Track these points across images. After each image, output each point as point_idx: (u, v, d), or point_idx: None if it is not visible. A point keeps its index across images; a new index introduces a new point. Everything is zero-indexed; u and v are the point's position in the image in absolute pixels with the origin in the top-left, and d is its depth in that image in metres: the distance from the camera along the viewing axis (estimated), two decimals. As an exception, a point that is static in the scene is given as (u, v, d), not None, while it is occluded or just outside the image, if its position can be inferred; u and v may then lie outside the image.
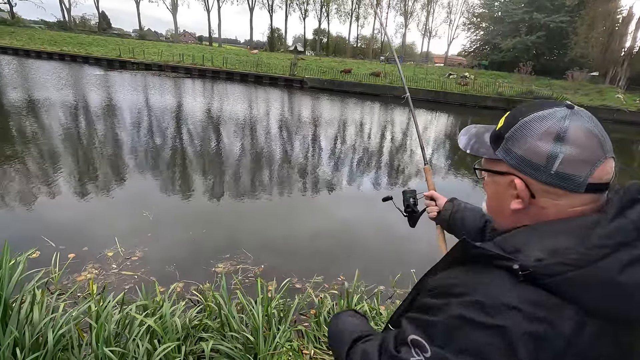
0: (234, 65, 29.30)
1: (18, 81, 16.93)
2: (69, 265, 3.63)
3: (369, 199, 6.52)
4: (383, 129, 13.95)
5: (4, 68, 21.97)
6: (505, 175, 0.65)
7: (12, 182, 5.72)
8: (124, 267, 3.75)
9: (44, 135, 8.66)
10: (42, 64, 25.92)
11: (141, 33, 55.93)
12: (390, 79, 27.50)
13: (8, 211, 4.81)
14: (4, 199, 5.12)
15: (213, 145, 9.29)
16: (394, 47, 28.40)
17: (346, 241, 4.85)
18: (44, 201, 5.16)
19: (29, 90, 14.56)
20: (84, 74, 22.42)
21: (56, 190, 5.54)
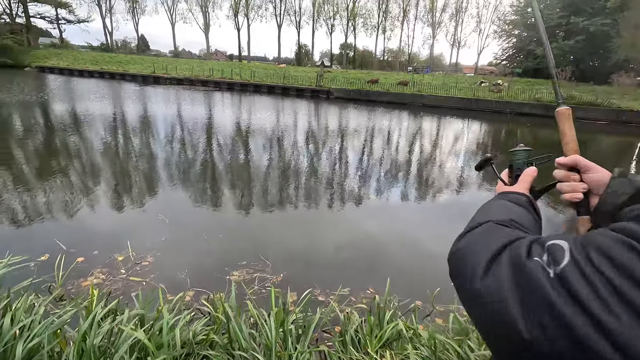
0: (261, 78, 29.77)
1: (60, 95, 17.87)
2: (77, 269, 3.39)
3: (399, 210, 5.99)
4: (412, 138, 13.35)
5: (51, 84, 23.55)
6: None
7: (32, 185, 5.70)
8: (133, 272, 3.46)
9: (70, 141, 8.82)
10: (84, 81, 27.50)
11: (175, 52, 58.71)
12: (418, 88, 26.82)
13: (26, 213, 4.71)
14: (23, 201, 5.06)
15: (236, 152, 9.11)
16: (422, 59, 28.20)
17: (375, 252, 4.35)
18: (61, 204, 5.04)
19: (67, 102, 15.26)
20: (120, 89, 23.48)
21: (75, 193, 5.44)
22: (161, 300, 2.51)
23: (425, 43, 64.98)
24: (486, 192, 7.22)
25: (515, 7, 49.20)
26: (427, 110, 22.69)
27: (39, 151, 8.01)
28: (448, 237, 0.85)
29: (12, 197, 5.13)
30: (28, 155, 7.66)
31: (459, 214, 5.81)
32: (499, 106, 23.34)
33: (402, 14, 60.32)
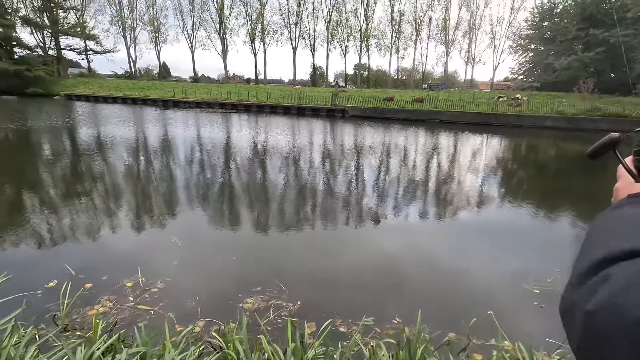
0: (277, 99, 30.21)
1: (83, 120, 18.51)
2: (84, 296, 3.22)
3: (423, 230, 5.64)
4: (430, 155, 13.00)
5: (75, 111, 24.60)
6: None
7: (47, 208, 5.68)
8: (142, 299, 3.25)
9: (87, 164, 8.93)
10: (107, 107, 28.60)
11: (195, 77, 60.76)
12: (434, 104, 26.55)
13: (39, 236, 4.63)
14: (38, 223, 5.01)
15: (251, 173, 9.01)
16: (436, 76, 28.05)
17: (400, 275, 4.02)
18: (75, 226, 4.96)
19: (88, 127, 15.74)
20: (140, 113, 24.23)
21: (89, 215, 5.37)
22: (167, 333, 2.27)
23: (439, 61, 65.19)
24: (516, 208, 6.77)
25: (530, 21, 48.89)
26: (445, 126, 22.31)
27: (56, 174, 8.12)
28: (478, 259, 0.63)
29: (28, 220, 5.10)
30: (45, 178, 7.77)
31: (488, 232, 5.42)
32: (520, 120, 22.73)
33: (414, 33, 60.91)
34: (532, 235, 5.41)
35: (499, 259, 4.48)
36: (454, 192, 7.82)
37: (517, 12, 55.20)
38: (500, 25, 57.50)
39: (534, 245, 4.96)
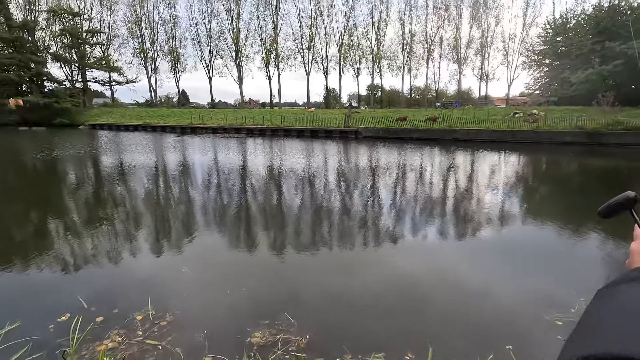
0: (290, 123, 30.74)
1: (103, 148, 19.27)
2: (94, 331, 3.24)
3: (438, 255, 5.48)
4: (446, 173, 12.81)
5: (102, 139, 25.71)
6: None
7: (61, 237, 5.83)
8: (150, 334, 3.24)
9: (103, 192, 9.20)
10: (129, 135, 29.73)
11: (212, 103, 62.78)
12: (448, 122, 26.39)
13: (53, 266, 4.73)
14: (51, 253, 5.13)
15: (263, 199, 9.06)
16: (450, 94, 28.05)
17: (414, 305, 3.89)
18: (88, 256, 5.06)
19: (108, 155, 16.34)
20: (159, 140, 25.05)
21: (102, 244, 5.48)
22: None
23: (452, 79, 65.21)
24: (538, 229, 6.52)
25: (543, 37, 48.73)
26: (460, 144, 22.06)
27: (73, 203, 8.39)
28: (497, 284, 0.57)
29: (44, 248, 5.24)
30: (62, 206, 8.03)
31: (508, 255, 5.21)
32: (537, 137, 22.26)
33: (426, 53, 61.55)
34: (555, 259, 5.17)
35: (519, 285, 4.28)
36: (473, 212, 7.62)
37: (529, 28, 55.09)
38: (513, 41, 57.38)
39: (557, 270, 4.73)
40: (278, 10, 57.90)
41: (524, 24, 55.27)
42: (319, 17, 59.33)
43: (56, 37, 50.38)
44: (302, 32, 59.72)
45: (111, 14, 56.36)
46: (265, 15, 58.25)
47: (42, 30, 49.88)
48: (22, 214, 7.56)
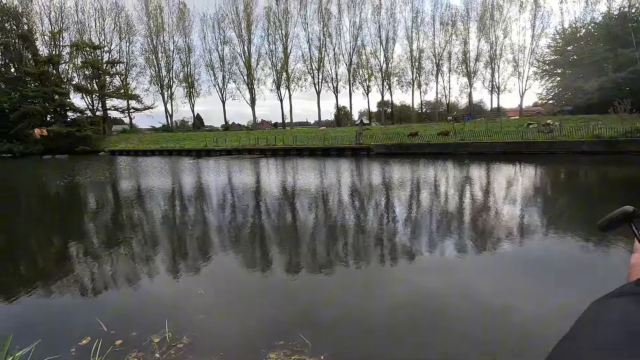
0: (302, 142, 31.14)
1: (121, 173, 19.88)
2: (113, 355, 3.30)
3: (460, 271, 5.39)
4: (462, 187, 12.67)
5: (120, 164, 26.57)
6: None
7: (79, 261, 5.99)
8: (167, 356, 3.28)
9: (119, 215, 9.45)
10: (146, 159, 30.62)
11: (226, 126, 64.29)
12: (461, 136, 26.25)
13: (71, 292, 4.86)
14: (73, 276, 5.28)
15: (275, 219, 9.13)
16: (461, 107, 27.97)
17: (435, 324, 3.82)
18: (106, 278, 5.19)
19: (125, 179, 16.83)
20: (174, 163, 25.70)
21: (120, 267, 5.61)
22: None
23: (463, 92, 65.06)
24: (563, 242, 6.34)
25: (553, 47, 48.55)
26: (473, 157, 21.85)
27: (90, 226, 8.64)
28: (523, 304, 0.58)
29: (65, 271, 5.40)
30: (79, 230, 8.27)
31: (532, 271, 5.08)
32: (553, 147, 21.88)
33: (435, 68, 61.96)
34: (583, 274, 5.00)
35: (545, 305, 4.15)
36: (494, 226, 7.48)
37: (538, 39, 55.00)
38: (522, 53, 57.28)
39: (586, 284, 4.57)
40: (287, 34, 59.69)
41: (532, 35, 55.16)
42: (327, 39, 60.78)
43: (78, 69, 53.09)
44: (312, 53, 61.17)
45: (129, 45, 59.22)
46: (276, 40, 60.09)
47: (65, 64, 52.70)
48: (43, 238, 7.83)
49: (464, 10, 58.56)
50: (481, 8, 57.17)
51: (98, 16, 56.46)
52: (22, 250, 7.11)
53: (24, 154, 40.64)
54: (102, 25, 56.80)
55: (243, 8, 59.15)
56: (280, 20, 59.13)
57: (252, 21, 59.79)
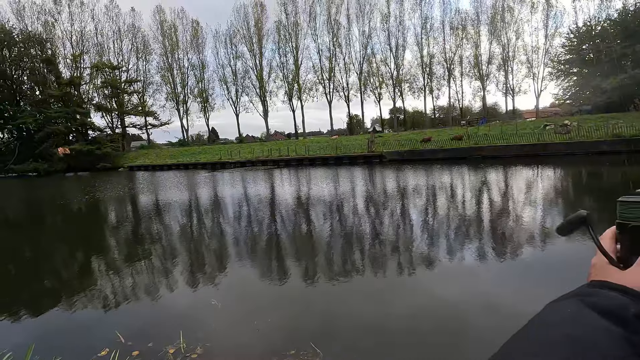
0: (315, 152, 31.34)
1: (143, 188, 20.44)
2: (129, 365, 3.41)
3: (481, 281, 5.32)
4: (479, 191, 12.49)
5: (138, 179, 27.34)
6: None
7: (99, 272, 6.19)
8: (181, 367, 3.36)
9: (134, 228, 9.71)
10: (163, 174, 31.40)
11: (240, 138, 65.41)
12: (474, 140, 25.91)
13: (90, 303, 5.03)
14: (92, 287, 5.46)
15: (287, 227, 9.21)
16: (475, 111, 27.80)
17: (456, 336, 3.78)
18: (124, 289, 5.34)
19: (144, 194, 17.30)
20: (192, 176, 26.26)
21: (136, 277, 5.77)
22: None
23: (476, 95, 64.30)
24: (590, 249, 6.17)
25: (567, 46, 47.65)
26: (488, 161, 21.51)
27: (106, 239, 8.91)
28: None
29: (85, 283, 5.59)
30: (96, 243, 8.54)
31: (559, 280, 4.96)
32: (571, 148, 21.33)
33: (447, 73, 61.61)
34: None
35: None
36: (515, 231, 7.35)
37: (552, 39, 54.09)
38: (536, 53, 56.36)
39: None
40: (298, 46, 60.66)
41: (546, 35, 54.37)
42: (337, 49, 61.43)
43: (98, 89, 55.31)
44: (322, 64, 61.89)
45: (146, 64, 61.43)
46: (286, 52, 61.15)
47: (86, 84, 54.99)
48: (65, 251, 8.12)
49: (474, 14, 58.33)
50: (491, 11, 56.84)
51: (116, 38, 58.95)
52: (46, 263, 7.40)
53: (48, 172, 42.33)
54: (120, 46, 59.25)
55: (254, 23, 60.63)
56: (290, 33, 60.23)
57: (263, 35, 61.15)
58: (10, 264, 7.54)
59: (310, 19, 60.70)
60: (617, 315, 0.36)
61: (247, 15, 60.55)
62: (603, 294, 0.40)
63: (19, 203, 19.45)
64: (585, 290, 0.42)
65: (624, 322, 0.35)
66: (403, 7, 60.26)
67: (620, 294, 0.39)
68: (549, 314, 0.40)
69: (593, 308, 0.38)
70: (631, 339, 0.34)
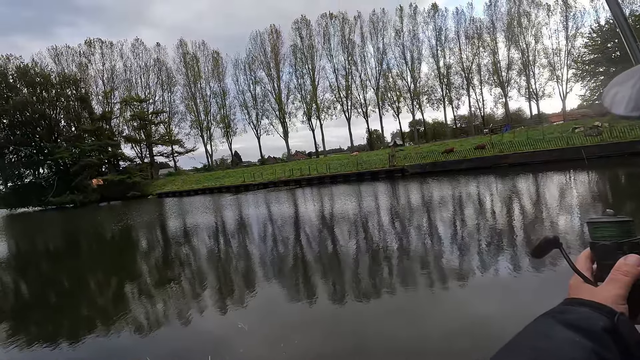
0: (336, 169, 31.41)
1: (170, 213, 21.07)
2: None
3: (525, 294, 5.07)
4: (508, 201, 12.04)
5: (167, 205, 28.25)
6: None
7: (127, 299, 6.33)
8: (210, 392, 3.35)
9: (161, 252, 9.92)
10: (190, 199, 32.29)
11: (262, 160, 66.73)
12: (499, 149, 25.19)
13: (125, 329, 5.13)
14: (120, 316, 5.58)
15: (312, 247, 9.16)
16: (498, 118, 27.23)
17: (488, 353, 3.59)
18: (153, 314, 5.43)
19: (173, 218, 17.79)
20: (217, 200, 26.85)
21: (163, 302, 5.86)
22: None
23: (498, 102, 63.01)
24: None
25: (591, 46, 46.24)
26: (515, 169, 20.79)
27: (135, 263, 9.14)
28: None
29: (113, 310, 5.73)
30: (124, 268, 8.77)
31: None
32: (604, 150, 20.32)
33: (465, 82, 60.97)
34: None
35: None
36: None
37: (573, 39, 52.68)
38: (558, 56, 54.93)
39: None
40: (314, 67, 62.11)
41: (566, 36, 53.13)
42: (353, 67, 62.39)
43: (128, 121, 58.37)
44: (339, 82, 62.90)
45: (171, 95, 64.60)
46: (303, 74, 62.69)
47: (116, 118, 58.24)
48: (94, 277, 8.40)
49: (489, 22, 58.00)
50: (507, 17, 56.31)
51: (143, 72, 62.59)
52: (78, 288, 7.67)
53: (83, 203, 44.52)
54: (147, 80, 62.77)
55: (270, 49, 62.79)
56: (306, 55, 61.87)
57: (280, 60, 63.12)
58: (41, 290, 7.87)
59: (324, 40, 62.29)
60: (585, 329, 0.38)
61: (264, 42, 62.95)
62: (574, 310, 0.42)
63: (62, 233, 20.45)
64: (559, 307, 0.45)
65: (593, 336, 0.37)
66: (416, 20, 60.87)
67: (591, 310, 0.41)
68: (525, 331, 0.42)
69: (563, 324, 0.40)
70: (599, 352, 0.36)
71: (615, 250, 0.47)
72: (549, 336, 0.38)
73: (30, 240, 18.21)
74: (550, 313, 0.44)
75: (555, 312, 0.44)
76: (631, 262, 0.44)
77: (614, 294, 0.43)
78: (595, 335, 0.37)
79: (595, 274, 0.50)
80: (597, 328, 0.38)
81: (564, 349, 0.36)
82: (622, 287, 0.43)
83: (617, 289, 0.43)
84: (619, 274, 0.44)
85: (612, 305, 0.41)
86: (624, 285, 0.43)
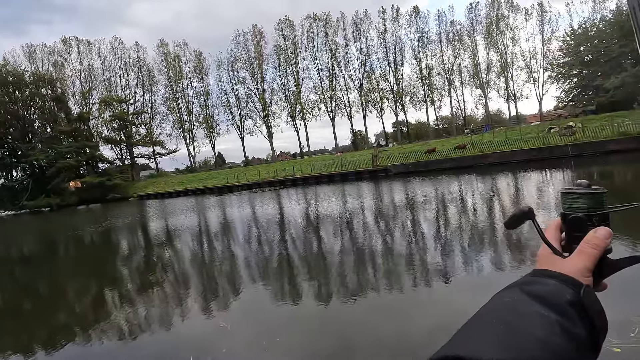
0: (320, 169, 31.50)
1: (152, 215, 20.66)
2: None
3: (498, 285, 5.23)
4: (489, 199, 12.37)
5: (148, 207, 27.68)
6: None
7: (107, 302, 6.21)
8: (191, 392, 3.33)
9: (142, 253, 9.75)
10: (172, 201, 31.73)
11: (246, 161, 66.17)
12: (479, 148, 25.83)
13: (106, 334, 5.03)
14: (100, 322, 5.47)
15: (296, 246, 9.18)
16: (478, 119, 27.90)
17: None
18: (135, 317, 5.34)
19: (154, 220, 17.46)
20: (200, 202, 26.49)
21: (144, 303, 5.77)
22: None
23: (479, 103, 64.58)
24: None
25: (565, 49, 47.97)
26: (495, 168, 21.37)
27: (115, 266, 8.95)
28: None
29: (93, 315, 5.61)
30: (103, 271, 8.59)
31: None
32: (578, 149, 21.13)
33: (447, 83, 62.19)
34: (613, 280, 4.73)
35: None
36: (523, 238, 7.24)
37: (549, 43, 54.51)
38: (535, 58, 56.72)
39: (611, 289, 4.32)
40: (298, 68, 62.07)
41: (542, 39, 54.89)
42: (336, 68, 62.67)
43: (107, 122, 56.84)
44: (323, 83, 63.08)
45: (152, 95, 63.29)
46: (287, 74, 62.57)
47: (95, 119, 56.63)
48: (72, 282, 8.18)
49: (469, 25, 59.37)
50: (486, 20, 57.78)
51: (122, 72, 61.09)
52: (56, 295, 7.45)
53: (60, 206, 43.11)
54: (127, 79, 61.29)
55: (254, 49, 62.40)
56: (289, 55, 61.76)
57: (263, 60, 62.79)
58: (18, 298, 7.61)
59: (308, 41, 62.34)
60: (550, 302, 0.38)
61: (247, 42, 62.50)
62: (541, 282, 0.42)
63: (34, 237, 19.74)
64: (526, 279, 0.44)
65: (558, 308, 0.37)
66: (399, 22, 61.70)
67: (557, 281, 0.41)
68: (491, 303, 0.42)
69: (530, 295, 0.40)
70: (564, 324, 0.36)
71: (586, 222, 0.47)
72: (515, 309, 0.39)
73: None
74: (518, 284, 0.43)
75: (523, 283, 0.44)
76: (601, 235, 0.44)
77: (581, 266, 0.43)
78: (561, 308, 0.38)
79: (564, 244, 0.50)
80: (563, 301, 0.38)
81: (532, 322, 0.36)
82: (590, 259, 0.43)
83: (585, 262, 0.43)
84: (588, 247, 0.44)
85: (579, 278, 0.42)
86: (592, 257, 0.43)
